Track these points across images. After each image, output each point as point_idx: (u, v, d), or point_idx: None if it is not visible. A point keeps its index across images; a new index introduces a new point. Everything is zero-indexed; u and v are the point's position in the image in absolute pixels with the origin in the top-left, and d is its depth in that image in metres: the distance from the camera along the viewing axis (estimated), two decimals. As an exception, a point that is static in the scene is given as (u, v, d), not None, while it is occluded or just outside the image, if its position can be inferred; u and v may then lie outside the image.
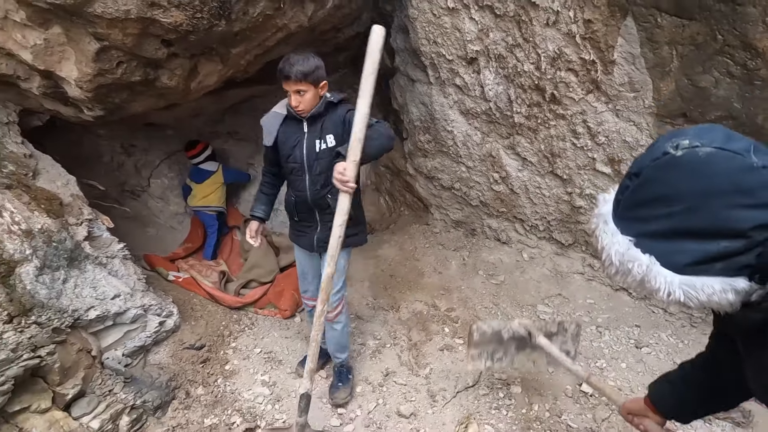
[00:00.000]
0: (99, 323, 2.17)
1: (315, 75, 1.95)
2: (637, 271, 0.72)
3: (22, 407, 1.71)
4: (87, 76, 2.00)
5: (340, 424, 2.32)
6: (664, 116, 2.28)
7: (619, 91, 2.37)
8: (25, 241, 1.85)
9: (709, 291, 0.68)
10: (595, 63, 2.35)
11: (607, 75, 2.36)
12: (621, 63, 2.27)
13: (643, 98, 2.30)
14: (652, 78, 2.21)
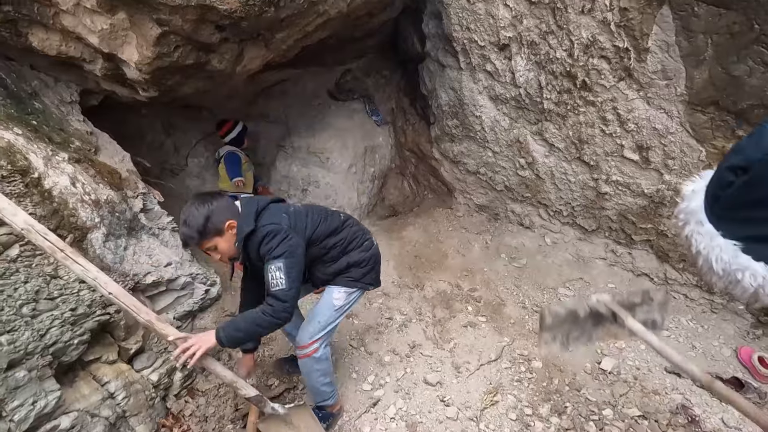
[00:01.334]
0: (154, 288, 2.37)
1: (207, 230, 1.65)
2: (750, 282, 0.63)
3: (95, 357, 1.92)
4: (147, 59, 2.16)
5: (370, 389, 2.49)
6: (695, 104, 2.32)
7: (651, 79, 2.42)
8: (95, 210, 2.03)
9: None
10: (629, 51, 2.40)
11: (640, 63, 2.40)
12: (655, 51, 2.32)
13: (676, 86, 2.35)
14: (686, 66, 2.25)
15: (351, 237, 2.05)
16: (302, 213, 1.91)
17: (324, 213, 2.02)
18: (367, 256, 2.09)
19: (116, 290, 1.50)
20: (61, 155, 2.03)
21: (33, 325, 1.57)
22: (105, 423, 1.82)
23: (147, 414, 2.03)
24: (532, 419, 2.27)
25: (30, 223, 1.37)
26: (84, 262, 1.44)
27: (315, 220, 1.93)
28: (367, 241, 2.13)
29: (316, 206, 2.09)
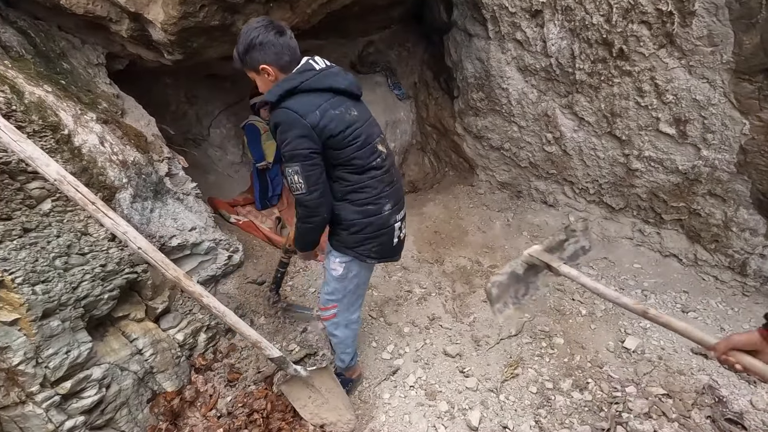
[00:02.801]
0: (179, 251, 2.40)
1: (243, 60, 1.58)
2: None
3: (124, 314, 1.96)
4: (172, 19, 2.13)
5: (390, 358, 2.50)
6: (742, 72, 2.19)
7: (696, 46, 2.28)
8: (122, 171, 2.05)
9: None
10: (673, 14, 2.26)
11: (684, 28, 2.26)
12: (702, 14, 2.18)
13: (722, 53, 2.21)
14: (735, 30, 2.11)
15: (364, 185, 1.64)
16: (343, 122, 1.54)
17: (367, 138, 1.62)
18: (361, 222, 1.69)
19: (145, 245, 1.52)
20: (90, 115, 2.04)
21: (66, 277, 1.60)
22: (134, 377, 1.87)
23: (173, 371, 2.08)
24: (553, 393, 2.25)
25: (62, 174, 1.38)
26: (114, 215, 1.45)
27: (349, 138, 1.56)
28: (378, 204, 1.68)
29: (369, 125, 1.67)
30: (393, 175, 1.77)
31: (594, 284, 1.35)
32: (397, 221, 1.79)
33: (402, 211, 1.84)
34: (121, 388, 1.79)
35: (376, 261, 1.84)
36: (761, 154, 2.32)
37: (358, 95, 1.70)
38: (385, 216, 1.73)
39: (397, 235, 1.82)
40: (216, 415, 2.06)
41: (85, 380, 1.61)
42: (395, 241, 1.83)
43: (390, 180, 1.74)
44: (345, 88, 1.61)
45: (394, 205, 1.76)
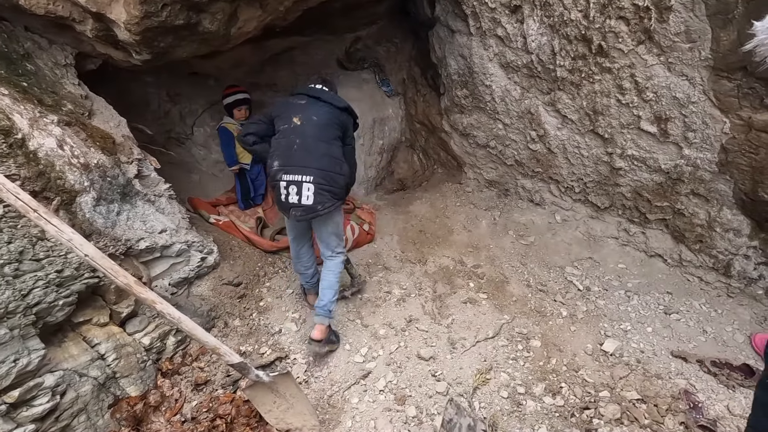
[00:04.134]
0: (148, 254, 2.38)
1: None
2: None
3: (85, 319, 1.94)
4: (135, 18, 2.09)
5: (362, 361, 2.47)
6: (721, 69, 2.11)
7: (674, 42, 2.20)
8: (84, 174, 2.02)
9: None
10: (650, 10, 2.19)
11: (662, 23, 2.19)
12: (678, 10, 2.10)
13: (700, 49, 2.14)
14: (712, 26, 2.04)
15: (276, 143, 2.36)
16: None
17: (285, 111, 2.40)
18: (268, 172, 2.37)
19: (93, 252, 1.49)
20: (50, 117, 2.01)
21: (15, 284, 1.58)
22: (93, 383, 1.86)
23: (138, 376, 2.07)
24: (525, 398, 2.21)
25: (1, 182, 1.35)
26: (58, 222, 1.42)
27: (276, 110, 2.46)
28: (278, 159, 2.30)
29: (288, 107, 2.42)
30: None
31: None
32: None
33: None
34: (78, 394, 1.78)
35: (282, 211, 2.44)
36: (742, 153, 2.25)
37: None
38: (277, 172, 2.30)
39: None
40: (180, 420, 2.04)
41: (36, 388, 1.60)
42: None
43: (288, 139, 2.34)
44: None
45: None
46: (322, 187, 2.25)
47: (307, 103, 2.38)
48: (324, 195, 2.26)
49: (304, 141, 2.28)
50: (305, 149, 2.27)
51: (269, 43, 3.97)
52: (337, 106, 2.42)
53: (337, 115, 2.40)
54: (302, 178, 2.23)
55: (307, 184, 2.23)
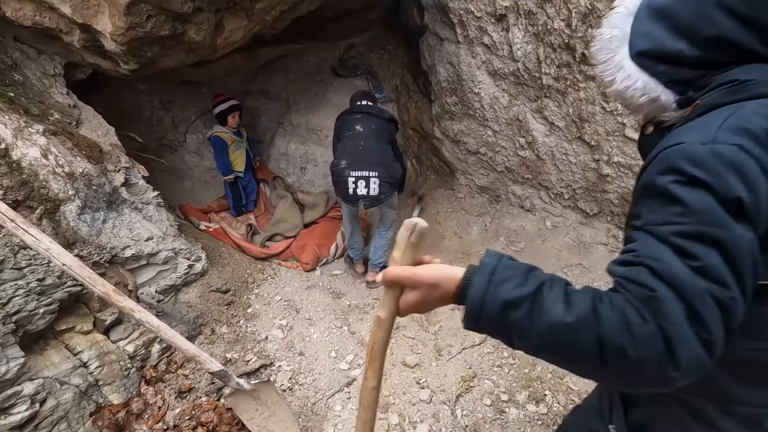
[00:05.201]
0: (134, 261, 2.39)
1: None
2: (605, 36, 0.73)
3: (68, 327, 1.96)
4: (120, 29, 2.12)
5: (347, 368, 2.47)
6: (700, 78, 2.12)
7: (654, 51, 2.22)
8: (68, 183, 2.04)
9: (630, 83, 0.70)
10: (630, 19, 2.20)
11: (642, 32, 2.20)
12: (657, 19, 2.12)
13: (679, 58, 2.15)
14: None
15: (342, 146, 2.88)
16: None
17: (346, 125, 2.96)
18: (332, 169, 2.83)
19: (71, 261, 1.51)
20: (35, 127, 2.03)
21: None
22: (75, 390, 1.87)
23: (121, 383, 2.08)
24: (508, 405, 2.21)
25: (-22, 192, 1.37)
26: (36, 232, 1.44)
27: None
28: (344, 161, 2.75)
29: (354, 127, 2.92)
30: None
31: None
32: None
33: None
34: (59, 402, 1.79)
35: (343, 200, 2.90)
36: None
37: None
38: (345, 169, 2.75)
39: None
40: (162, 427, 2.04)
41: (14, 396, 1.61)
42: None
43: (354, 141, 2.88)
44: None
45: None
46: (384, 180, 2.74)
47: (363, 117, 2.94)
48: (385, 186, 2.76)
49: (367, 144, 2.81)
50: (369, 150, 2.78)
51: (261, 51, 4.00)
52: (384, 118, 3.04)
53: (386, 124, 3.01)
54: (369, 173, 2.70)
55: (374, 178, 2.70)
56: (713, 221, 0.54)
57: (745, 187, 0.54)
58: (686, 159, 0.57)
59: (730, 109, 0.60)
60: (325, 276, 3.34)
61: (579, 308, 0.56)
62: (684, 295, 0.52)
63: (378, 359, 0.79)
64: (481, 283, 0.62)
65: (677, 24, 0.66)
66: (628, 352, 0.53)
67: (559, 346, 0.57)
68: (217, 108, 3.60)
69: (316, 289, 3.16)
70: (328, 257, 3.43)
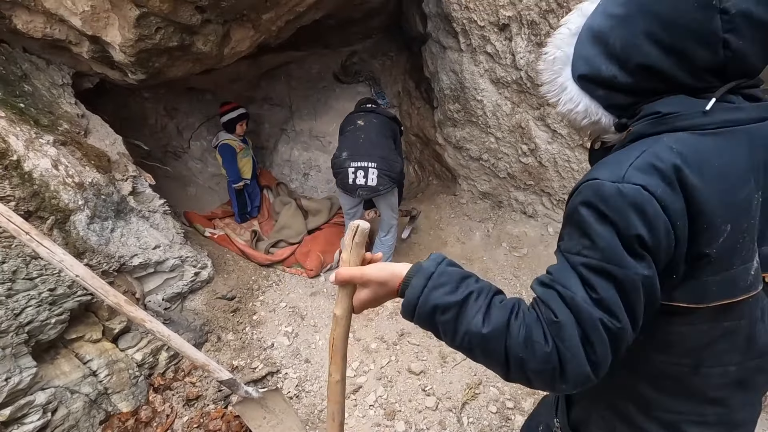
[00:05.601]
0: (142, 270, 2.41)
1: None
2: (549, 57, 0.74)
3: (78, 336, 1.97)
4: (129, 41, 2.15)
5: (353, 375, 2.49)
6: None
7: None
8: (78, 193, 2.07)
9: (572, 105, 0.71)
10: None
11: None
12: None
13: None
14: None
15: (343, 139, 2.96)
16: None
17: (349, 121, 3.06)
18: (332, 161, 2.90)
19: (83, 272, 1.53)
20: (46, 138, 2.06)
21: (8, 304, 1.62)
22: (85, 399, 1.88)
23: (130, 392, 2.09)
24: (513, 413, 2.23)
25: (-6, 205, 1.39)
26: (49, 244, 1.46)
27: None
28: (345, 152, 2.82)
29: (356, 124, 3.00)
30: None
31: None
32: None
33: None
34: (70, 411, 1.80)
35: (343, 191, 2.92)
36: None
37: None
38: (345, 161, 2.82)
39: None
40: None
41: (27, 406, 1.62)
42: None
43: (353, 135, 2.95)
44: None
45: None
46: (383, 172, 2.77)
47: (365, 113, 3.08)
48: (384, 178, 2.78)
49: (368, 136, 2.88)
50: (369, 142, 2.85)
51: (265, 58, 4.04)
52: (386, 116, 3.14)
53: (388, 121, 3.09)
54: (368, 164, 2.75)
55: (372, 169, 2.74)
56: (613, 259, 0.61)
57: (645, 225, 0.59)
58: (597, 195, 0.62)
59: (647, 143, 0.64)
60: (329, 282, 3.36)
61: (495, 321, 0.64)
62: (581, 321, 0.60)
63: (339, 353, 0.85)
64: (418, 285, 0.70)
65: (612, 50, 0.67)
66: (528, 365, 0.62)
67: (473, 350, 0.67)
68: (226, 116, 3.61)
69: (321, 295, 3.17)
70: (332, 263, 3.45)
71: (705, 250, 0.62)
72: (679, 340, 0.70)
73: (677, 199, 0.60)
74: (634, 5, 0.65)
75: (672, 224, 0.60)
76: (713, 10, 0.59)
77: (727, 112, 0.63)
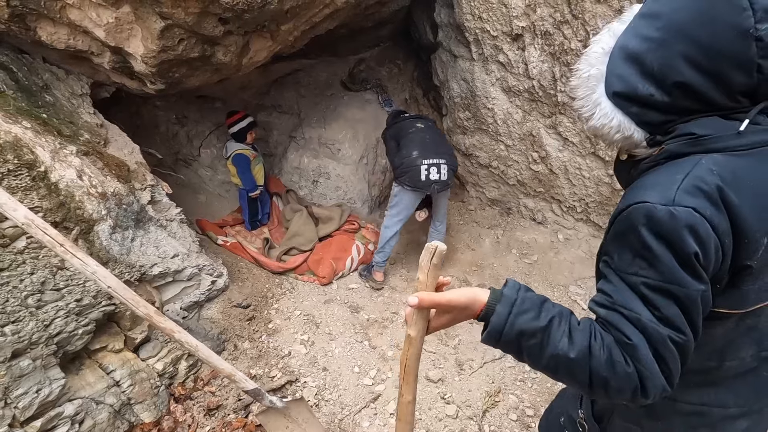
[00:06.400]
0: (161, 279, 2.41)
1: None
2: (584, 74, 0.77)
3: (101, 346, 1.97)
4: (152, 52, 2.17)
5: (371, 384, 2.49)
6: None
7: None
8: (101, 203, 2.08)
9: (606, 120, 0.75)
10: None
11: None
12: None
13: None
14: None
15: (409, 141, 3.04)
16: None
17: (403, 127, 3.18)
18: (399, 161, 3.01)
19: (115, 284, 1.53)
20: (69, 148, 2.07)
21: (38, 315, 1.62)
22: (110, 410, 1.88)
23: (152, 402, 2.09)
24: (534, 420, 2.24)
25: (30, 217, 1.40)
26: (83, 255, 1.47)
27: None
28: (414, 152, 2.97)
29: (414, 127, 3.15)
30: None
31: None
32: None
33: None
34: (95, 422, 1.80)
35: (413, 189, 3.01)
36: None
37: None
38: (415, 159, 2.96)
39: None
40: (194, 446, 2.06)
41: (56, 417, 1.62)
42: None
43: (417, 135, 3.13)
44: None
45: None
46: (450, 167, 3.00)
47: (414, 119, 3.25)
48: (451, 173, 3.01)
49: (432, 137, 3.09)
50: (434, 142, 3.05)
51: (275, 66, 4.06)
52: (432, 121, 3.35)
53: (435, 124, 3.34)
54: (439, 161, 2.94)
55: (443, 165, 2.95)
56: (673, 279, 0.66)
57: (698, 245, 0.64)
58: (650, 218, 0.66)
59: (688, 165, 0.68)
60: (342, 290, 3.37)
61: (579, 345, 0.69)
62: (651, 341, 0.66)
63: (411, 374, 0.87)
64: (503, 312, 0.74)
65: (649, 70, 0.70)
66: (611, 383, 0.67)
67: (558, 371, 0.72)
68: (236, 125, 3.61)
69: (334, 303, 3.18)
70: (344, 271, 3.46)
71: (747, 262, 0.68)
72: (710, 341, 0.76)
73: (723, 218, 0.65)
74: (673, 31, 0.68)
75: (720, 242, 0.65)
76: (750, 39, 0.63)
77: (758, 134, 0.67)
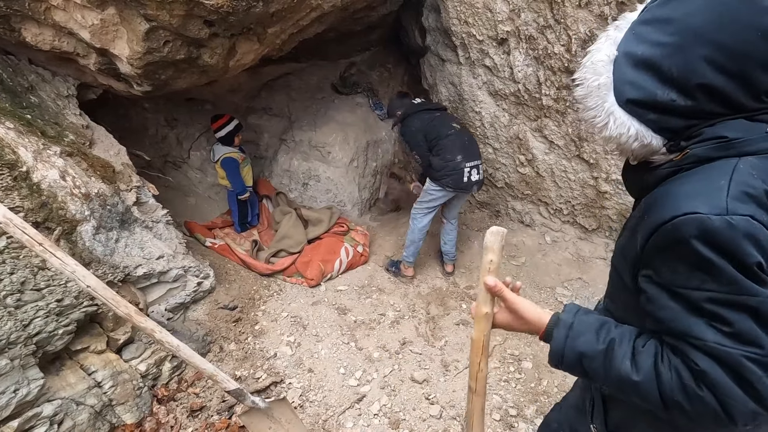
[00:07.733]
0: (145, 280, 2.41)
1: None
2: (593, 83, 0.74)
3: (83, 347, 1.97)
4: (137, 54, 2.18)
5: (357, 385, 2.50)
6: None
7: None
8: (84, 203, 2.08)
9: (623, 130, 0.72)
10: (627, 46, 2.32)
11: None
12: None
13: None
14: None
15: (450, 144, 3.06)
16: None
17: (437, 125, 3.14)
18: (443, 164, 3.05)
19: (95, 283, 1.53)
20: (53, 149, 2.07)
21: (16, 315, 1.62)
22: (90, 411, 1.87)
23: (134, 403, 2.08)
24: (516, 420, 2.25)
25: (8, 216, 1.40)
26: (62, 255, 1.47)
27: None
28: (452, 160, 3.03)
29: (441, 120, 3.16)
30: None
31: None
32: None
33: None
34: (75, 423, 1.79)
35: (455, 190, 3.12)
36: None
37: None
38: (459, 163, 3.04)
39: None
40: (176, 447, 2.05)
41: (34, 418, 1.62)
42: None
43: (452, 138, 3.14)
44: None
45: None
46: (482, 167, 3.15)
47: (445, 114, 3.26)
48: (483, 173, 3.19)
49: (470, 138, 3.16)
50: (472, 143, 3.13)
51: (265, 69, 4.09)
52: (443, 107, 3.41)
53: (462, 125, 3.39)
54: (477, 162, 3.08)
55: (480, 166, 3.11)
56: (743, 290, 0.62)
57: (760, 252, 0.62)
58: (706, 229, 0.63)
59: (726, 170, 0.65)
60: (330, 291, 3.37)
61: (644, 368, 0.68)
62: (724, 364, 0.62)
63: (487, 349, 0.97)
64: (560, 337, 0.77)
65: (668, 76, 0.68)
66: (686, 407, 0.65)
67: (628, 393, 0.71)
68: (223, 129, 3.59)
69: (322, 304, 3.19)
70: (332, 273, 3.46)
71: None
72: None
73: None
74: (690, 35, 0.66)
75: None
76: None
77: None
